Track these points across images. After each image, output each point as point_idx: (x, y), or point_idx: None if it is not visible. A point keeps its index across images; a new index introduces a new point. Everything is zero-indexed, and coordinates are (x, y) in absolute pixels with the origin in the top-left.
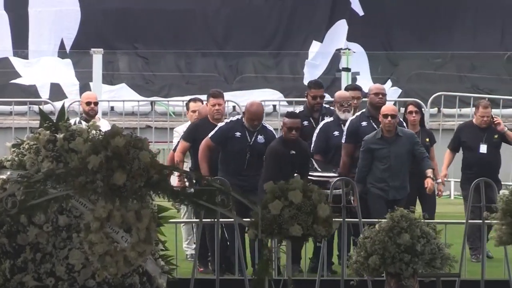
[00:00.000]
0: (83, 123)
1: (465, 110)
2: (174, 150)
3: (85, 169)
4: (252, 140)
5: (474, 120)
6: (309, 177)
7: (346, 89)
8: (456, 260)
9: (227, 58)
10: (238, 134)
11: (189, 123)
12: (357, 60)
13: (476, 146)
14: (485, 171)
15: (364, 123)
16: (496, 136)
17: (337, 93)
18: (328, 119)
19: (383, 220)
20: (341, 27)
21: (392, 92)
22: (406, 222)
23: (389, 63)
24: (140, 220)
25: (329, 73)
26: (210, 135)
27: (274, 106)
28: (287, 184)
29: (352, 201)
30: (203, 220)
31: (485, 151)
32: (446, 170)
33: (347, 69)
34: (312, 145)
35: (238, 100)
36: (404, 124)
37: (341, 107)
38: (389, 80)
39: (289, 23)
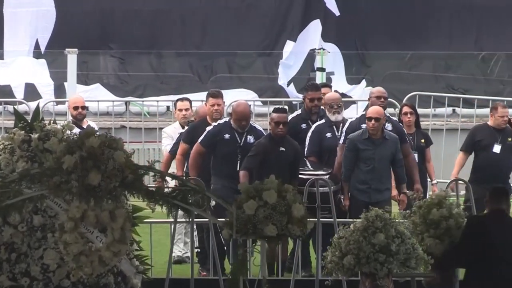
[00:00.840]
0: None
1: (440, 110)
2: (171, 152)
3: (60, 169)
4: (242, 141)
5: (489, 122)
6: (299, 175)
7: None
8: (431, 262)
9: (201, 58)
10: (227, 136)
11: (177, 123)
12: (333, 60)
13: (491, 145)
14: (496, 174)
15: (364, 125)
16: (510, 139)
17: (326, 95)
18: (319, 122)
19: (357, 220)
20: (315, 27)
21: (367, 92)
22: (380, 222)
23: (364, 63)
24: (114, 220)
25: (304, 73)
26: (199, 140)
27: (249, 106)
28: (261, 184)
29: (342, 200)
30: (178, 220)
31: (498, 151)
32: (458, 174)
33: (322, 69)
34: (306, 148)
35: None
36: (401, 126)
37: (331, 109)
38: (364, 80)
39: (263, 23)
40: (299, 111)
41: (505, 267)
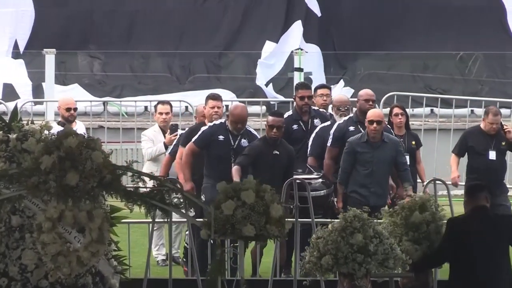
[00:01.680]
0: (59, 127)
1: (418, 110)
2: (171, 153)
3: (38, 170)
4: (236, 143)
5: (482, 126)
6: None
7: (319, 86)
8: (409, 262)
9: (179, 58)
10: (221, 137)
11: (156, 125)
12: (314, 60)
13: (485, 152)
14: (492, 177)
15: (351, 128)
16: (503, 143)
17: (335, 97)
18: (325, 124)
19: (336, 220)
20: (296, 28)
21: (344, 92)
22: (359, 222)
23: (342, 63)
24: (92, 220)
25: (285, 73)
26: (193, 139)
27: (227, 106)
28: (240, 184)
29: (335, 203)
30: (156, 220)
31: (494, 158)
32: (457, 172)
33: (300, 69)
34: (308, 149)
35: (191, 100)
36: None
37: (338, 111)
38: (342, 80)
39: (242, 24)
40: (290, 112)
41: (487, 266)
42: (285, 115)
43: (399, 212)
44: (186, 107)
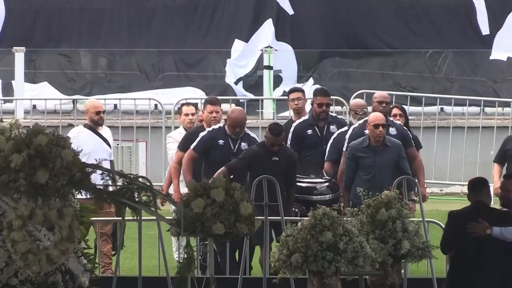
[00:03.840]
0: (89, 131)
1: None
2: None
3: (8, 168)
4: (236, 147)
5: None
6: (298, 183)
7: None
8: (378, 260)
9: (149, 56)
10: (221, 142)
11: (181, 127)
12: (285, 58)
13: None
14: None
15: (367, 131)
16: None
17: (352, 101)
18: (342, 129)
19: (305, 218)
20: (267, 27)
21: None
22: (328, 220)
23: (312, 61)
24: (62, 218)
25: (255, 71)
26: (192, 146)
27: (196, 104)
28: (209, 182)
29: (341, 208)
30: (126, 218)
31: None
32: (499, 182)
33: (269, 67)
34: (326, 154)
35: (160, 98)
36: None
37: (356, 115)
38: (311, 78)
39: (211, 22)
40: (306, 117)
41: (485, 259)
42: (301, 120)
43: (365, 210)
44: (156, 105)
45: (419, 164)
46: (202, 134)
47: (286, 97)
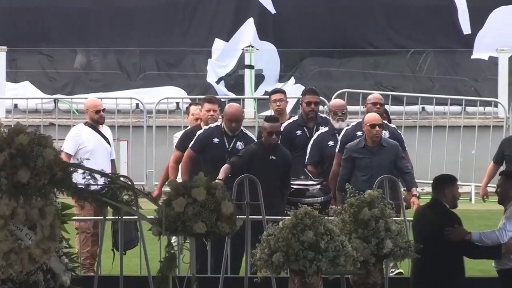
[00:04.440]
0: (90, 128)
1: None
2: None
3: None
4: (231, 146)
5: None
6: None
7: (272, 91)
8: (360, 259)
9: (130, 56)
10: (216, 140)
11: (189, 127)
12: (268, 58)
13: None
14: None
15: (359, 133)
16: None
17: (332, 102)
18: (323, 129)
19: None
20: (248, 26)
21: (295, 89)
22: (309, 219)
23: (293, 61)
24: (44, 218)
25: (236, 71)
26: (190, 145)
27: (178, 103)
28: (191, 181)
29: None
30: (107, 217)
31: None
32: (486, 188)
33: (250, 66)
34: (307, 156)
35: (141, 97)
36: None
37: (335, 116)
38: (292, 77)
39: (192, 21)
40: (295, 117)
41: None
42: (290, 120)
43: (347, 209)
44: (137, 104)
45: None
46: (199, 132)
47: (268, 97)
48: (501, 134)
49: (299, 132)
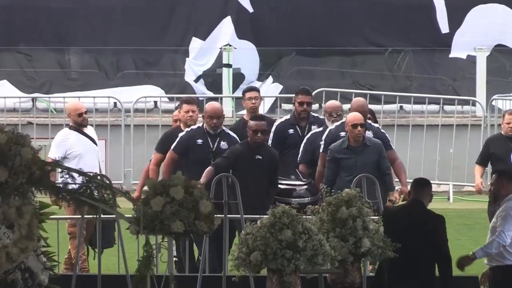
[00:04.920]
0: (76, 132)
1: (347, 106)
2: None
3: None
4: (215, 146)
5: (502, 131)
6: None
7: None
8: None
9: (108, 55)
10: (199, 141)
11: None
12: (247, 56)
13: (506, 157)
14: None
15: (343, 133)
16: None
17: (327, 103)
18: (316, 129)
19: (264, 216)
20: (226, 24)
21: (273, 88)
22: (287, 218)
23: (271, 59)
24: (21, 217)
25: (214, 69)
26: (172, 147)
27: (155, 102)
28: (169, 180)
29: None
30: (85, 216)
31: None
32: (480, 179)
33: (228, 65)
34: (299, 155)
35: (119, 96)
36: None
37: (330, 117)
38: (270, 76)
39: (169, 20)
40: (287, 116)
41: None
42: (282, 119)
43: (325, 208)
44: (115, 103)
45: (400, 165)
46: (181, 134)
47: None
48: (479, 133)
49: (291, 131)
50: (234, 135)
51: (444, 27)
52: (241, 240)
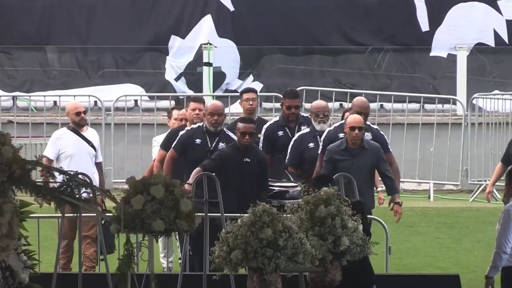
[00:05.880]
0: (71, 132)
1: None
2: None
3: None
4: (213, 146)
5: None
6: (269, 187)
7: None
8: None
9: (88, 53)
10: (198, 141)
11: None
12: (227, 55)
13: None
14: None
15: (341, 135)
16: None
17: (314, 103)
18: (303, 131)
19: (245, 215)
20: (206, 22)
21: (254, 86)
22: (268, 216)
23: (252, 58)
24: (2, 215)
25: (193, 68)
26: (173, 145)
27: (136, 101)
28: (149, 179)
29: None
30: (66, 215)
31: None
32: (492, 187)
33: (209, 64)
34: (287, 157)
35: (100, 95)
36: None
37: (317, 118)
38: (251, 74)
39: (148, 18)
40: (276, 118)
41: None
42: (272, 121)
43: (304, 207)
44: (95, 102)
45: (395, 170)
46: (181, 132)
47: (226, 94)
48: (459, 131)
49: (280, 133)
50: (234, 137)
51: (425, 26)
52: (222, 239)
